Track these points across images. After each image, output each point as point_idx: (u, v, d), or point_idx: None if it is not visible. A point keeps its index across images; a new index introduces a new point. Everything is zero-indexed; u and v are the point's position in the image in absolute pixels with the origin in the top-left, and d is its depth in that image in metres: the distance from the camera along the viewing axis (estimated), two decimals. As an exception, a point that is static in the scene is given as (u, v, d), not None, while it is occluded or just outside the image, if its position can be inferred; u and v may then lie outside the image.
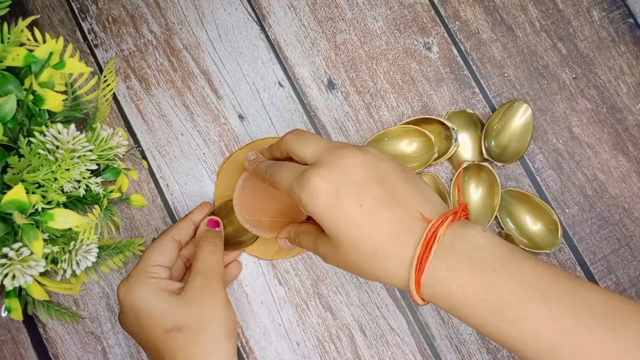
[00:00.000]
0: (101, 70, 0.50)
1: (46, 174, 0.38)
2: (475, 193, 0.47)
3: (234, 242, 0.46)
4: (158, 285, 0.39)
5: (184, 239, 0.43)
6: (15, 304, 0.41)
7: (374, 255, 0.33)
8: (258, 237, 0.46)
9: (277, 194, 0.44)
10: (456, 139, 0.46)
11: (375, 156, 0.35)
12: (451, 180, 0.47)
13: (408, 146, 0.47)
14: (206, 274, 0.40)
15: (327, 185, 0.33)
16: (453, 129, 0.46)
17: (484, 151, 0.47)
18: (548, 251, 0.46)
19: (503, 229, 0.47)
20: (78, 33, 0.50)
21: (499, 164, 0.47)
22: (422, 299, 0.33)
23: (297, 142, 0.38)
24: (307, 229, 0.40)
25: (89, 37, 0.50)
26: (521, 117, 0.47)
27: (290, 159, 0.39)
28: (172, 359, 0.37)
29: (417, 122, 0.47)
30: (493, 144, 0.47)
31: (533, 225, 0.46)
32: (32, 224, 0.37)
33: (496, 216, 0.47)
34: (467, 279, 0.31)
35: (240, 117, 0.49)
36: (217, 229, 0.44)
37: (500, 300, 0.30)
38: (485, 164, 0.46)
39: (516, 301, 0.30)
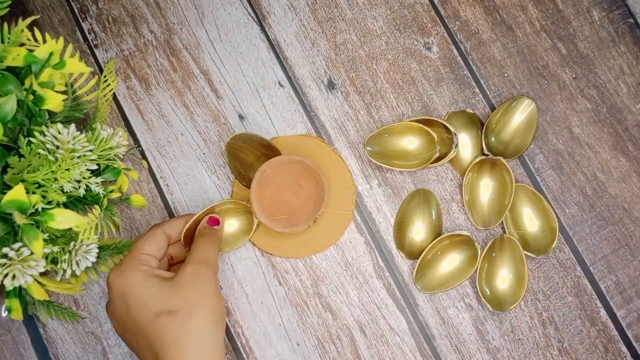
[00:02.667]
0: (101, 70, 0.50)
1: (46, 174, 0.38)
2: (486, 191, 0.47)
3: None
4: (149, 272, 0.40)
5: (173, 236, 0.44)
6: (15, 304, 0.41)
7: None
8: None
9: (293, 190, 0.45)
10: (457, 145, 0.46)
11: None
12: (460, 182, 0.47)
13: (410, 144, 0.47)
14: (199, 261, 0.40)
15: None
16: (455, 134, 0.46)
17: (484, 147, 0.47)
18: (534, 256, 0.45)
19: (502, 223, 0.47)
20: (78, 33, 0.50)
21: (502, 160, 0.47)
22: None
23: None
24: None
25: (89, 37, 0.50)
26: (524, 112, 0.47)
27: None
28: (159, 342, 0.37)
29: (418, 122, 0.47)
30: (494, 140, 0.47)
31: (531, 226, 0.46)
32: (32, 224, 0.37)
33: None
34: None
35: (240, 117, 0.49)
36: (215, 227, 0.44)
37: None
38: (499, 158, 0.46)
39: None
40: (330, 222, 0.47)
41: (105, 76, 0.48)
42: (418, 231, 0.46)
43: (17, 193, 0.36)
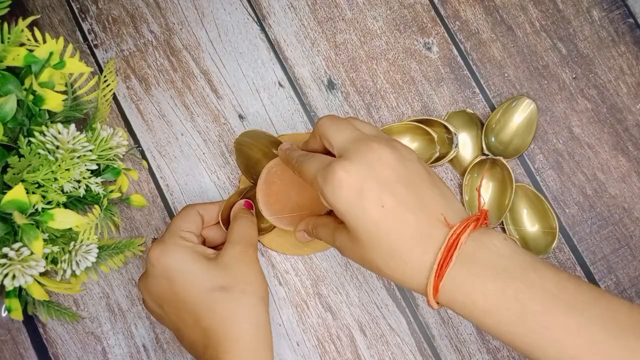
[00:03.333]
0: (101, 71, 0.50)
1: (46, 174, 0.38)
2: (485, 191, 0.47)
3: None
4: (194, 249, 0.39)
5: (207, 218, 0.43)
6: (15, 304, 0.41)
7: (392, 256, 0.33)
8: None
9: (300, 187, 0.45)
10: (457, 145, 0.46)
11: (403, 154, 0.35)
12: (461, 182, 0.47)
13: (410, 143, 0.47)
14: (244, 242, 0.40)
15: (351, 181, 0.33)
16: (455, 134, 0.46)
17: (484, 147, 0.47)
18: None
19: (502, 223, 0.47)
20: (78, 33, 0.50)
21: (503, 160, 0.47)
22: (438, 304, 0.33)
23: (330, 127, 0.37)
24: (325, 221, 0.40)
25: (89, 37, 0.50)
26: (524, 112, 0.47)
27: (326, 151, 0.39)
28: (211, 316, 0.37)
29: (418, 122, 0.47)
30: (493, 140, 0.47)
31: (531, 226, 0.46)
32: (32, 224, 0.37)
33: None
34: (489, 288, 0.30)
35: (240, 117, 0.49)
36: (252, 210, 0.45)
37: (524, 308, 0.30)
38: (500, 158, 0.46)
39: (540, 310, 0.29)
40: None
41: (105, 76, 0.48)
42: None
43: (17, 193, 0.36)
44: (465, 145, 0.48)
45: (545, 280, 0.30)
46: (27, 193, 0.37)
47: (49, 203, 0.39)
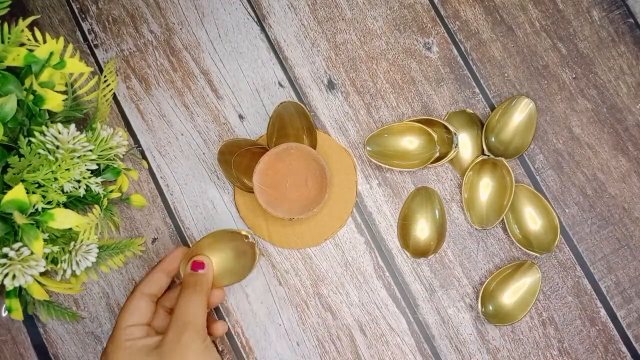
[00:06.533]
0: (101, 71, 0.50)
1: (46, 174, 0.38)
2: (485, 190, 0.47)
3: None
4: (133, 347, 0.39)
5: (156, 291, 0.43)
6: (15, 304, 0.41)
7: None
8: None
9: (296, 177, 0.45)
10: (457, 145, 0.46)
11: None
12: (460, 182, 0.47)
13: (410, 144, 0.47)
14: (180, 325, 0.39)
15: None
16: (455, 134, 0.46)
17: (484, 147, 0.47)
18: (539, 254, 0.45)
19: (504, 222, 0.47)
20: (78, 33, 0.50)
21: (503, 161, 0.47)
22: None
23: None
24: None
25: (89, 37, 0.50)
26: (524, 111, 0.47)
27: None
28: None
29: (418, 122, 0.47)
30: (494, 140, 0.47)
31: (533, 224, 0.46)
32: (32, 224, 0.37)
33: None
34: None
35: (240, 117, 0.49)
36: (201, 271, 0.43)
37: None
38: (501, 159, 0.46)
39: None
40: (333, 213, 0.47)
41: (105, 76, 0.48)
42: (422, 229, 0.46)
43: (17, 193, 0.36)
44: (465, 145, 0.48)
45: None
46: (27, 193, 0.37)
47: (49, 203, 0.39)
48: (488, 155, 0.47)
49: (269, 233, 0.47)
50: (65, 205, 0.42)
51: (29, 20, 0.41)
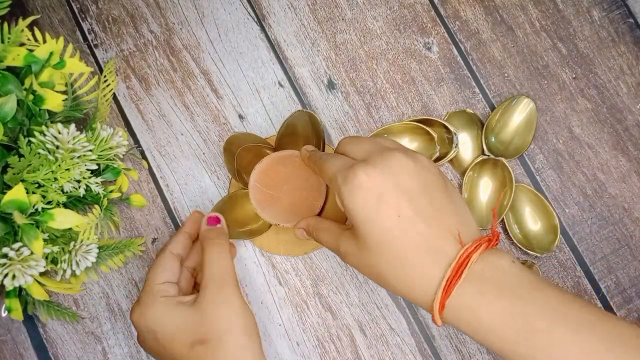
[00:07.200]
0: (101, 70, 0.50)
1: (46, 174, 0.38)
2: (485, 191, 0.47)
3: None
4: (169, 302, 0.39)
5: (182, 252, 0.43)
6: (15, 304, 0.41)
7: (401, 266, 0.33)
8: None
9: (293, 185, 0.45)
10: (457, 145, 0.46)
11: (424, 165, 0.35)
12: (461, 181, 0.47)
13: (410, 143, 0.47)
14: (216, 280, 0.39)
15: (371, 185, 0.33)
16: (455, 134, 0.46)
17: (484, 147, 0.47)
18: (539, 254, 0.45)
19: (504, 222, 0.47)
20: (78, 33, 0.50)
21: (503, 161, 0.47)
22: (442, 321, 0.33)
23: (351, 143, 0.37)
24: (328, 226, 0.40)
25: (89, 37, 0.50)
26: (523, 111, 0.47)
27: None
28: None
29: (418, 122, 0.47)
30: (494, 140, 0.47)
31: (533, 224, 0.46)
32: (32, 224, 0.37)
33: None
34: (495, 306, 0.31)
35: (240, 117, 0.49)
36: (218, 225, 0.43)
37: (529, 327, 0.30)
38: (501, 159, 0.46)
39: (545, 328, 0.29)
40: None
41: (105, 76, 0.48)
42: None
43: (17, 193, 0.36)
44: (465, 145, 0.48)
45: (551, 299, 0.30)
46: (27, 193, 0.37)
47: (49, 203, 0.39)
48: (488, 155, 0.47)
49: (263, 238, 0.47)
50: (65, 205, 0.42)
51: (29, 20, 0.41)
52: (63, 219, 0.37)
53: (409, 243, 0.32)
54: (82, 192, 0.41)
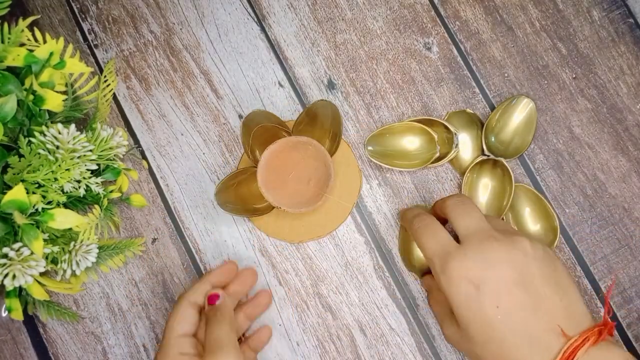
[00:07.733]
0: (101, 71, 0.50)
1: (46, 174, 0.38)
2: (484, 191, 0.47)
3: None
4: None
5: (201, 302, 0.42)
6: (15, 304, 0.41)
7: (502, 357, 0.33)
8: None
9: (302, 172, 0.46)
10: (457, 145, 0.46)
11: (526, 254, 0.35)
12: (460, 182, 0.47)
13: (410, 144, 0.47)
14: (211, 349, 0.39)
15: (469, 278, 0.34)
16: (455, 134, 0.46)
17: (484, 147, 0.47)
18: None
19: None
20: (78, 33, 0.50)
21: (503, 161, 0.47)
22: None
23: (456, 208, 0.38)
24: (442, 299, 0.41)
25: (89, 38, 0.50)
26: (523, 111, 0.47)
27: (446, 221, 0.40)
28: None
29: (418, 122, 0.47)
30: (494, 140, 0.47)
31: (533, 224, 0.46)
32: (32, 224, 0.37)
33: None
34: None
35: (240, 117, 0.49)
36: (218, 301, 0.43)
37: None
38: (501, 159, 0.46)
39: None
40: (332, 210, 0.47)
41: (105, 76, 0.48)
42: None
43: (17, 193, 0.36)
44: (465, 145, 0.48)
45: None
46: (27, 193, 0.37)
47: (49, 203, 0.39)
48: (488, 155, 0.47)
49: (264, 219, 0.47)
50: (65, 205, 0.42)
51: (29, 20, 0.41)
52: (63, 219, 0.38)
53: (509, 336, 0.33)
54: (82, 192, 0.41)
